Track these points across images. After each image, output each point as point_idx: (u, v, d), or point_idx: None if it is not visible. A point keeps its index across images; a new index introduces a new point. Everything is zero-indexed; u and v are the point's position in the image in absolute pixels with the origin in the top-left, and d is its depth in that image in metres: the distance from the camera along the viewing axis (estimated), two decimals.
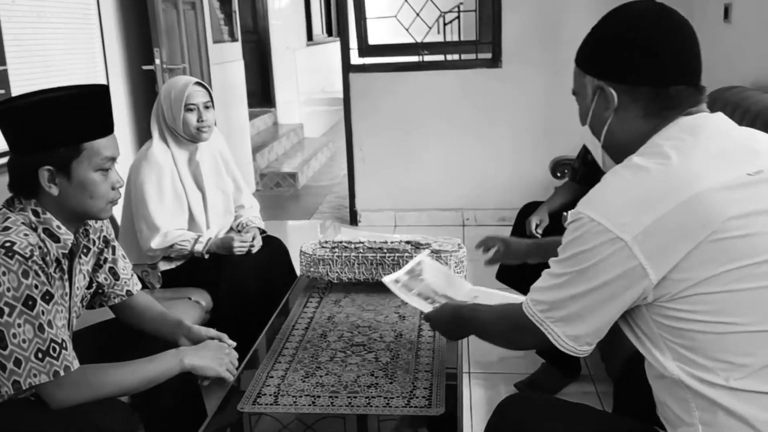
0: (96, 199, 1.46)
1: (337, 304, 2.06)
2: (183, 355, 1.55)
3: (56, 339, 1.37)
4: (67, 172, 1.41)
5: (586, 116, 1.24)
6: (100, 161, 1.44)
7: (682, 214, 1.02)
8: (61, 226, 1.45)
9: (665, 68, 1.13)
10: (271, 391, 1.57)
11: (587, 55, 1.21)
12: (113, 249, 1.71)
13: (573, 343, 1.15)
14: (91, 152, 1.43)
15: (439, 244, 2.13)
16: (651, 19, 1.14)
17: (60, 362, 1.36)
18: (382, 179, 4.49)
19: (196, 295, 2.34)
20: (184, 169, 2.38)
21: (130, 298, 1.74)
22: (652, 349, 1.12)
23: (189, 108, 2.32)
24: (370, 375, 1.62)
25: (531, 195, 4.31)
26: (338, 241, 2.24)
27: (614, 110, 1.17)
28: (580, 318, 1.12)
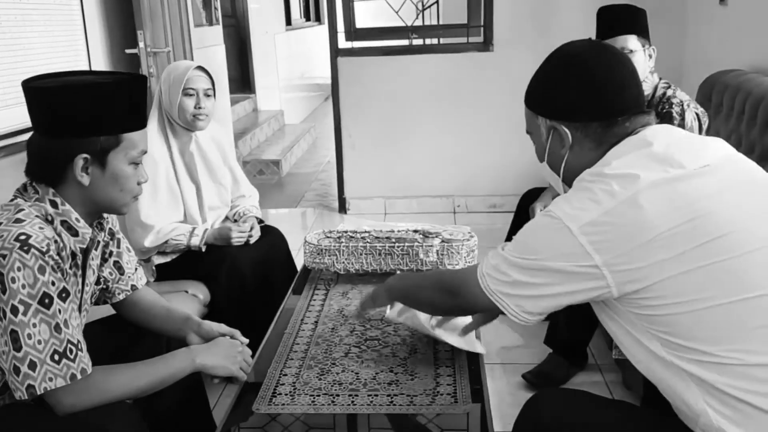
0: (125, 193, 1.40)
1: (345, 296, 1.98)
2: (194, 354, 1.46)
3: (72, 340, 1.28)
4: (102, 163, 1.34)
5: (543, 154, 1.30)
6: (135, 154, 1.39)
7: (627, 211, 1.07)
8: (80, 219, 1.37)
9: (611, 103, 1.19)
10: (286, 389, 1.49)
11: (537, 98, 1.28)
12: (118, 242, 1.61)
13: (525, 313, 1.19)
14: (129, 144, 1.37)
15: (449, 233, 2.06)
16: (590, 58, 1.21)
17: (77, 365, 1.28)
18: (371, 166, 4.40)
19: (193, 289, 2.24)
20: (178, 161, 2.27)
21: (133, 294, 1.64)
22: (643, 341, 1.13)
23: (187, 92, 2.21)
24: (389, 371, 1.55)
25: (523, 181, 4.27)
26: (343, 231, 2.16)
27: (569, 147, 1.23)
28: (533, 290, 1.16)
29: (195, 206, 2.31)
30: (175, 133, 2.27)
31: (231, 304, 2.22)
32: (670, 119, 2.28)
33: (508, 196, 4.31)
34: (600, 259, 1.08)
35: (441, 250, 2.00)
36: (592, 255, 1.08)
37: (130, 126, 1.37)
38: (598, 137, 1.20)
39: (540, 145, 1.30)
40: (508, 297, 1.19)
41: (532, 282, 1.15)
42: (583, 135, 1.21)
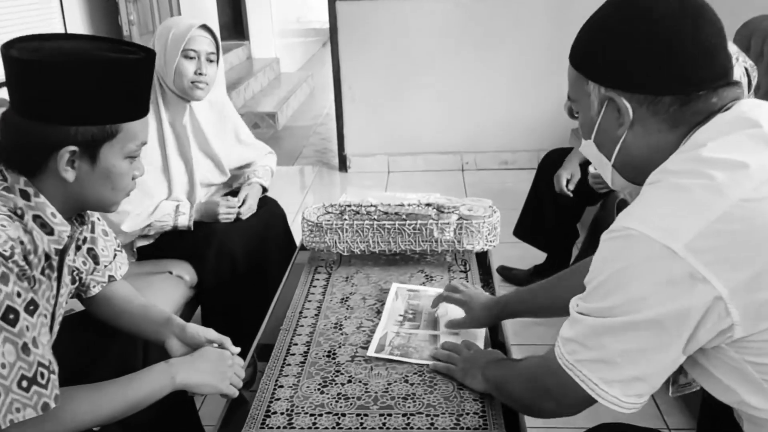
0: (117, 192, 1.15)
1: (349, 281, 1.74)
2: (175, 371, 1.22)
3: (43, 361, 1.03)
4: (93, 156, 1.08)
5: (591, 131, 1.01)
6: (134, 147, 1.12)
7: (749, 212, 0.81)
8: (56, 214, 1.10)
9: (693, 72, 0.91)
10: (282, 407, 1.26)
11: (590, 58, 0.97)
12: (92, 225, 1.35)
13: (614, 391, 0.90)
14: (128, 135, 1.10)
15: (468, 208, 1.80)
16: (670, 11, 0.91)
17: (50, 391, 1.03)
18: (373, 120, 4.11)
19: (178, 269, 2.00)
20: (168, 134, 1.97)
21: (107, 287, 1.39)
22: (741, 393, 0.89)
23: (187, 54, 1.89)
24: (403, 381, 1.32)
25: (538, 136, 3.99)
26: (345, 204, 1.90)
27: (629, 125, 0.95)
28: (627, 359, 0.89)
29: (183, 185, 2.03)
30: (167, 101, 1.97)
31: (220, 287, 1.98)
32: None
33: (520, 152, 4.04)
34: (723, 286, 0.79)
35: (458, 228, 1.74)
36: (712, 282, 0.79)
37: (132, 114, 1.10)
38: (671, 116, 0.92)
39: (587, 119, 1.00)
40: (609, 384, 0.89)
41: (638, 348, 0.86)
42: (651, 112, 0.93)
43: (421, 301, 1.60)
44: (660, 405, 1.97)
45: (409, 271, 1.78)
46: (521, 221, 2.70)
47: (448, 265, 1.80)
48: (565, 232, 2.56)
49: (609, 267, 0.88)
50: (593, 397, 0.91)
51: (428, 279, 1.73)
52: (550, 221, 2.56)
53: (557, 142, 3.95)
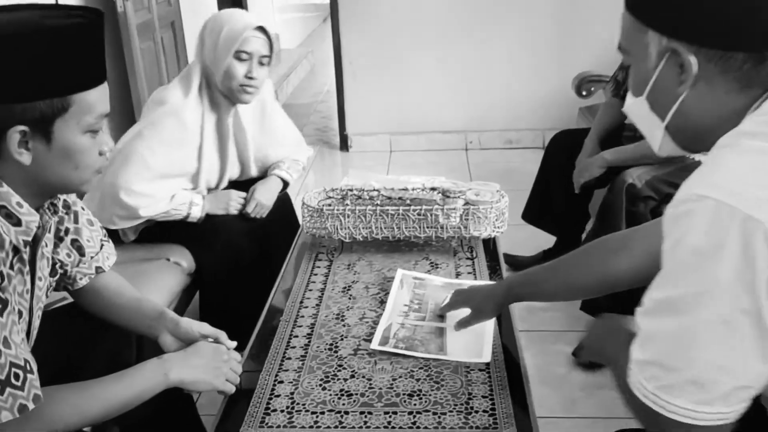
0: (81, 170, 1.06)
1: (351, 269, 1.67)
2: (168, 368, 1.16)
3: (17, 362, 0.97)
4: (46, 134, 1.00)
5: (644, 86, 0.88)
6: (92, 120, 1.03)
7: None
8: (22, 204, 1.03)
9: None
10: (282, 404, 1.20)
11: (652, 1, 0.84)
12: (75, 215, 1.28)
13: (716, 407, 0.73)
14: (81, 108, 1.01)
15: (474, 192, 1.73)
16: None
17: (27, 392, 0.97)
18: (375, 98, 4.02)
19: (176, 255, 1.94)
20: (209, 136, 1.89)
21: (97, 279, 1.32)
22: None
23: (240, 56, 1.80)
24: (409, 376, 1.26)
25: (544, 115, 3.90)
26: (347, 189, 1.83)
27: (692, 83, 0.82)
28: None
29: (212, 182, 1.99)
30: (214, 102, 1.88)
31: (223, 278, 1.92)
32: None
33: (525, 130, 3.96)
34: None
35: (465, 213, 1.67)
36: None
37: (82, 84, 1.01)
38: (744, 75, 0.80)
39: (641, 73, 0.87)
40: (709, 404, 0.73)
41: (737, 351, 0.71)
42: (719, 69, 0.80)
43: (426, 291, 1.54)
44: None
45: (414, 258, 1.71)
46: (529, 205, 2.63)
47: (454, 251, 1.74)
48: (576, 215, 2.48)
49: (682, 246, 0.72)
50: (691, 424, 0.74)
51: (433, 266, 1.67)
52: (560, 204, 2.48)
53: (564, 121, 3.86)
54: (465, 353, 1.32)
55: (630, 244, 1.15)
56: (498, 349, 1.34)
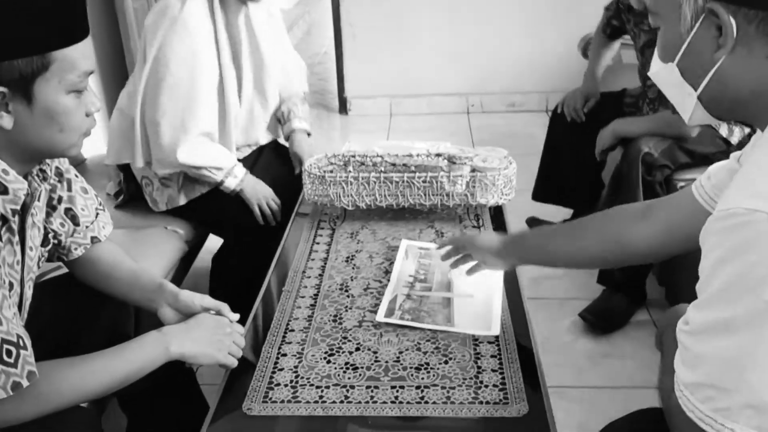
0: (67, 133, 1.00)
1: (354, 238, 1.63)
2: (169, 340, 1.12)
3: (9, 338, 0.93)
4: (27, 95, 0.94)
5: (676, 51, 0.81)
6: (75, 79, 0.97)
7: None
8: (8, 171, 0.97)
9: None
10: (285, 378, 1.17)
11: None
12: (69, 183, 1.22)
13: None
14: (63, 65, 0.95)
15: (482, 159, 1.67)
16: None
17: (21, 369, 0.94)
18: (375, 60, 3.93)
19: (174, 224, 1.89)
20: (223, 40, 1.77)
21: (93, 250, 1.28)
22: None
23: None
24: (415, 349, 1.22)
25: (548, 77, 3.82)
26: (349, 155, 1.77)
27: (730, 48, 0.75)
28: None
29: (234, 101, 1.85)
30: (223, 1, 1.76)
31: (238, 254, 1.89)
32: None
33: (529, 93, 3.88)
34: None
35: (471, 180, 1.62)
36: None
37: (63, 39, 0.95)
38: None
39: (673, 37, 0.81)
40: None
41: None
42: (762, 32, 0.73)
43: (432, 261, 1.49)
44: None
45: (419, 227, 1.67)
46: (539, 183, 2.53)
47: (460, 219, 1.69)
48: (589, 185, 2.38)
49: (736, 263, 0.68)
50: None
51: (439, 235, 1.63)
52: (571, 175, 2.40)
53: (568, 83, 3.77)
54: (473, 325, 1.28)
55: (650, 215, 1.10)
56: (507, 322, 1.30)
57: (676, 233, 1.06)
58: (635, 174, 1.94)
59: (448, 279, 1.43)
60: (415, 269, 1.46)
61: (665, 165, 1.96)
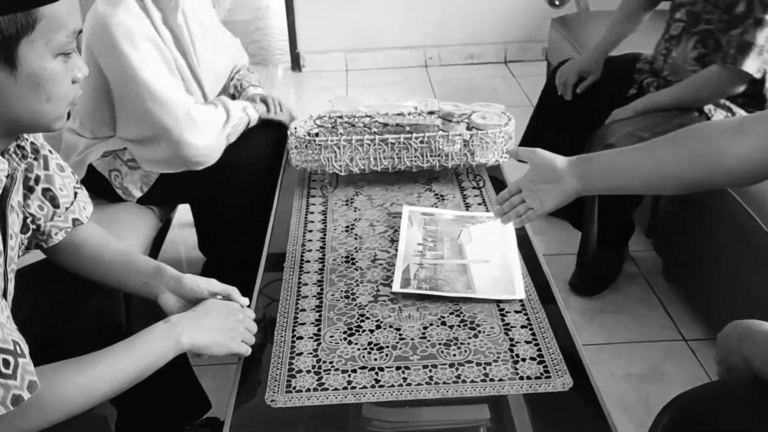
0: (54, 102, 0.87)
1: (350, 206, 1.53)
2: (179, 331, 1.00)
3: (5, 345, 0.81)
4: (10, 60, 0.81)
5: None
6: (64, 39, 0.84)
7: None
8: None
9: None
10: (307, 363, 1.08)
11: None
12: (45, 160, 1.08)
13: None
14: (51, 24, 0.82)
15: (480, 115, 1.59)
16: None
17: (20, 380, 0.81)
18: (327, 14, 3.75)
19: None
20: (167, 37, 1.61)
21: (75, 232, 1.14)
22: None
23: None
24: (440, 324, 1.15)
25: (506, 26, 3.73)
26: (335, 116, 1.66)
27: None
28: None
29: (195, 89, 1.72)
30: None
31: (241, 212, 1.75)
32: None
33: (487, 44, 3.80)
34: None
35: (470, 139, 1.54)
36: None
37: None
38: None
39: None
40: None
41: None
42: None
43: (439, 226, 1.41)
44: (673, 315, 1.89)
45: (416, 191, 1.58)
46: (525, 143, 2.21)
47: (459, 181, 1.61)
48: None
49: None
50: None
51: (439, 198, 1.54)
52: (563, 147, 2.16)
53: (528, 33, 3.73)
54: (496, 290, 1.22)
55: (745, 129, 0.94)
56: (529, 285, 1.24)
57: None
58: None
59: (459, 245, 1.35)
60: (423, 237, 1.38)
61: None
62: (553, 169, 1.16)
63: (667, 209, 1.94)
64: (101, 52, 1.54)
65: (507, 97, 3.39)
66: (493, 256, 1.32)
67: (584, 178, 1.12)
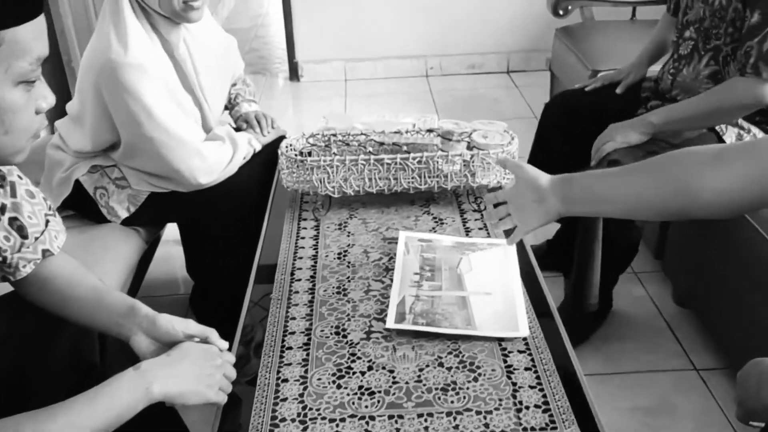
0: (13, 135, 0.80)
1: (343, 230, 1.45)
2: (150, 380, 0.92)
3: None
4: None
5: None
6: (26, 66, 0.77)
7: None
8: None
9: None
10: (291, 410, 0.99)
11: None
12: (12, 187, 1.00)
13: None
14: (12, 49, 0.75)
15: (482, 134, 1.50)
16: None
17: None
18: (326, 21, 3.67)
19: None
20: (168, 67, 1.54)
21: (45, 264, 1.05)
22: None
23: None
24: (437, 365, 1.06)
25: (508, 36, 3.65)
26: (329, 133, 1.58)
27: None
28: None
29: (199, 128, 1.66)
30: (156, 25, 1.52)
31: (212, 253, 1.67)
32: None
33: (490, 54, 3.72)
34: None
35: (471, 160, 1.45)
36: None
37: (12, 15, 0.75)
38: None
39: None
40: None
41: None
42: None
43: (437, 254, 1.33)
44: (683, 342, 1.80)
45: (414, 213, 1.49)
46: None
47: (459, 203, 1.53)
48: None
49: None
50: None
51: (438, 222, 1.46)
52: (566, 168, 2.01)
53: (531, 43, 3.65)
54: (497, 326, 1.13)
55: (724, 161, 0.89)
56: (533, 321, 1.15)
57: (753, 185, 0.88)
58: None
59: (458, 274, 1.27)
60: (420, 265, 1.30)
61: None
62: (537, 188, 1.14)
63: (678, 229, 1.86)
64: (111, 93, 1.47)
65: (509, 108, 3.31)
66: (494, 288, 1.23)
67: (566, 199, 1.10)
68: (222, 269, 1.67)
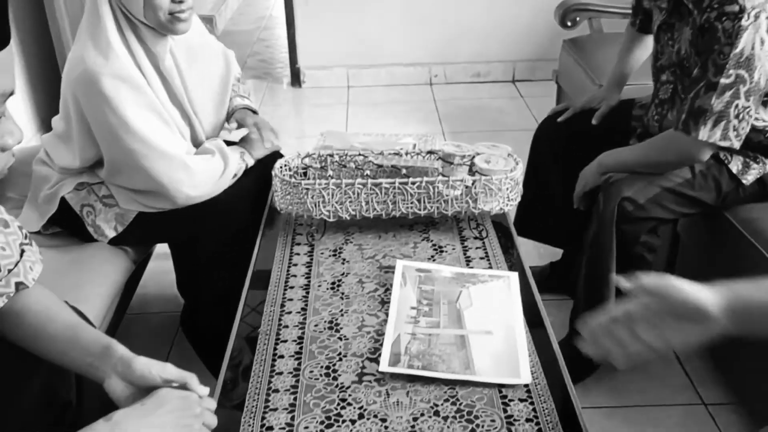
0: None
1: (338, 257, 1.38)
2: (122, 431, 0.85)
3: None
4: None
5: None
6: None
7: None
8: None
9: None
10: None
11: None
12: None
13: None
14: None
15: (485, 158, 1.43)
16: None
17: None
18: (330, 27, 3.61)
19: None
20: (155, 83, 1.48)
21: (18, 298, 0.99)
22: None
23: None
24: (433, 414, 0.99)
25: (514, 45, 3.58)
26: (326, 153, 1.51)
27: None
28: None
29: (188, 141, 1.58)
30: (142, 36, 1.45)
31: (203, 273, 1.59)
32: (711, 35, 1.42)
33: (495, 62, 3.65)
34: None
35: (473, 185, 1.38)
36: None
37: None
38: None
39: None
40: None
41: None
42: None
43: (435, 286, 1.26)
44: (691, 374, 1.73)
45: (412, 239, 1.43)
46: (521, 214, 1.97)
47: (460, 229, 1.46)
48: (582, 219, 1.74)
49: None
50: None
51: (437, 250, 1.39)
52: (559, 210, 1.89)
53: (538, 52, 3.59)
54: (497, 371, 1.06)
55: None
56: (536, 367, 1.08)
57: None
58: (608, 231, 1.53)
59: (458, 310, 1.20)
60: (417, 299, 1.23)
61: (651, 218, 1.54)
62: (698, 309, 0.85)
63: (687, 259, 1.79)
64: (89, 104, 1.41)
65: (514, 118, 3.24)
66: (495, 326, 1.16)
67: (744, 324, 0.86)
68: (212, 290, 1.61)
